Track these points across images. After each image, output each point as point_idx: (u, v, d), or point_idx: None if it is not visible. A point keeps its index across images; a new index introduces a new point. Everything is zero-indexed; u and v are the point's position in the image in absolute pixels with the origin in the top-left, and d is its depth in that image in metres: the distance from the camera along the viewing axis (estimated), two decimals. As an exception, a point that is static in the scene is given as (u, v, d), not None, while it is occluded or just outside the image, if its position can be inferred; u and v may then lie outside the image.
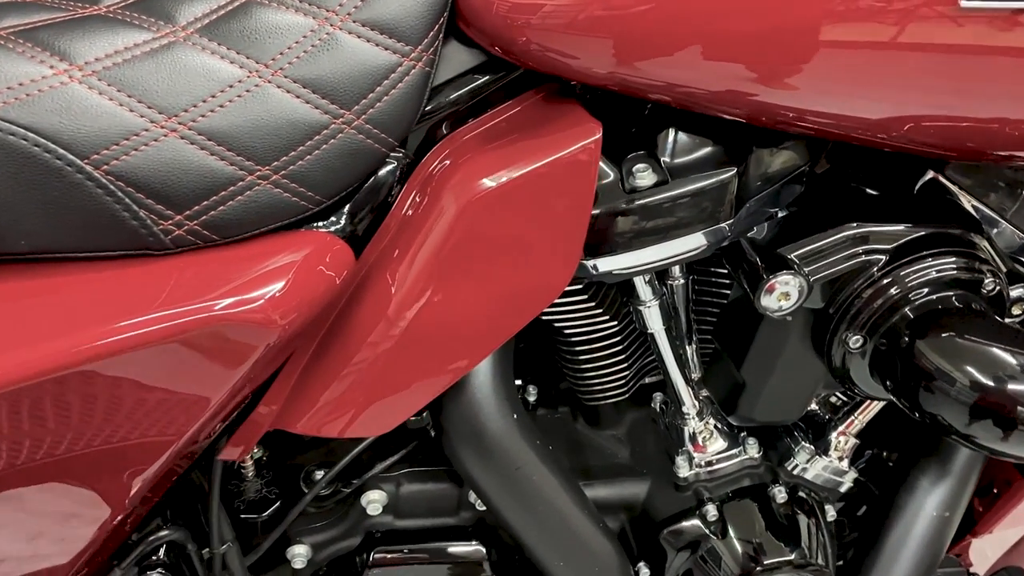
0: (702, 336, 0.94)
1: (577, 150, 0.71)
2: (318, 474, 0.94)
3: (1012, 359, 0.74)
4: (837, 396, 1.00)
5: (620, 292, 0.91)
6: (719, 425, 0.96)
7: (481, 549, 0.97)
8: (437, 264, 0.72)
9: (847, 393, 0.98)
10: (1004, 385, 0.73)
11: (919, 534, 1.00)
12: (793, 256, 0.78)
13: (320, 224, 0.70)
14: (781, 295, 0.78)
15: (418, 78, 0.69)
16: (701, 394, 0.96)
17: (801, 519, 0.97)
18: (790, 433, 0.98)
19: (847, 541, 1.08)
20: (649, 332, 0.89)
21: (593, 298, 0.89)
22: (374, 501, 0.95)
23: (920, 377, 0.76)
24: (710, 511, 0.96)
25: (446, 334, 0.75)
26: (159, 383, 0.67)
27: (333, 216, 0.71)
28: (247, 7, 0.68)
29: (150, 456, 0.71)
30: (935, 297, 0.78)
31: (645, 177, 0.75)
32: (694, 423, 0.95)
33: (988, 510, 1.10)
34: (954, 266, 0.79)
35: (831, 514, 1.01)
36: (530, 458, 0.87)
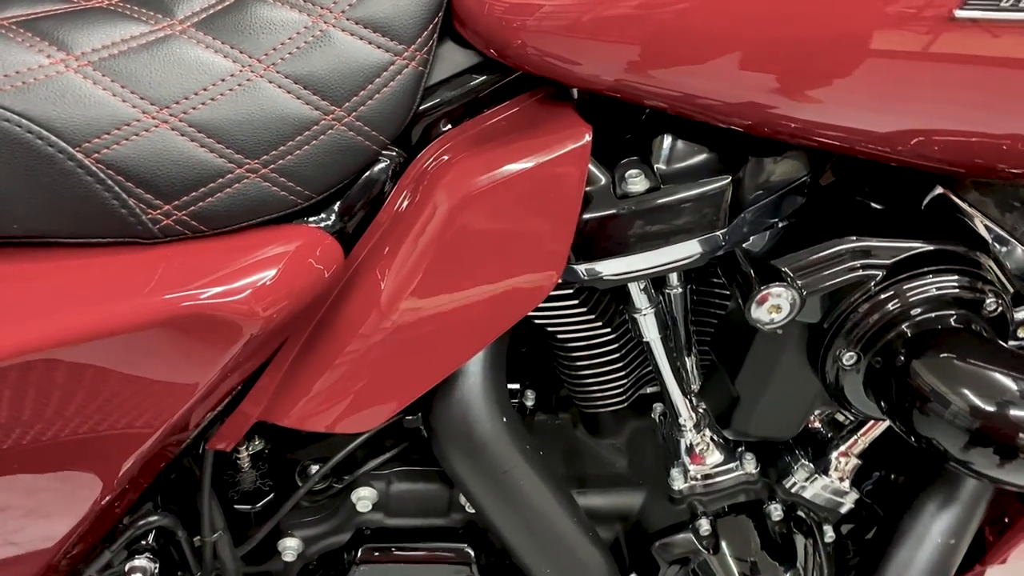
0: (702, 348, 0.93)
1: (566, 153, 0.71)
2: (313, 468, 0.95)
3: (1011, 383, 0.72)
4: (842, 414, 0.98)
5: (615, 299, 0.91)
6: (716, 438, 0.95)
7: (470, 552, 0.96)
8: (426, 261, 0.72)
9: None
10: (1002, 410, 0.71)
11: (923, 560, 0.97)
12: (786, 268, 0.77)
13: (311, 219, 0.71)
14: (772, 307, 0.77)
15: (411, 77, 0.70)
16: (699, 406, 0.94)
17: (798, 538, 0.95)
18: (790, 450, 0.96)
19: (850, 564, 1.06)
20: (645, 341, 0.88)
21: (585, 303, 0.89)
22: (364, 498, 0.96)
23: (915, 398, 0.74)
24: (703, 525, 0.94)
25: (433, 331, 0.75)
26: (142, 368, 0.68)
27: (324, 212, 0.71)
28: (244, 2, 0.69)
29: (136, 440, 0.73)
30: (934, 315, 0.76)
31: (637, 183, 0.74)
32: (691, 435, 0.94)
33: (999, 539, 1.07)
34: (956, 284, 0.77)
35: (829, 535, 0.98)
36: (519, 462, 0.87)
